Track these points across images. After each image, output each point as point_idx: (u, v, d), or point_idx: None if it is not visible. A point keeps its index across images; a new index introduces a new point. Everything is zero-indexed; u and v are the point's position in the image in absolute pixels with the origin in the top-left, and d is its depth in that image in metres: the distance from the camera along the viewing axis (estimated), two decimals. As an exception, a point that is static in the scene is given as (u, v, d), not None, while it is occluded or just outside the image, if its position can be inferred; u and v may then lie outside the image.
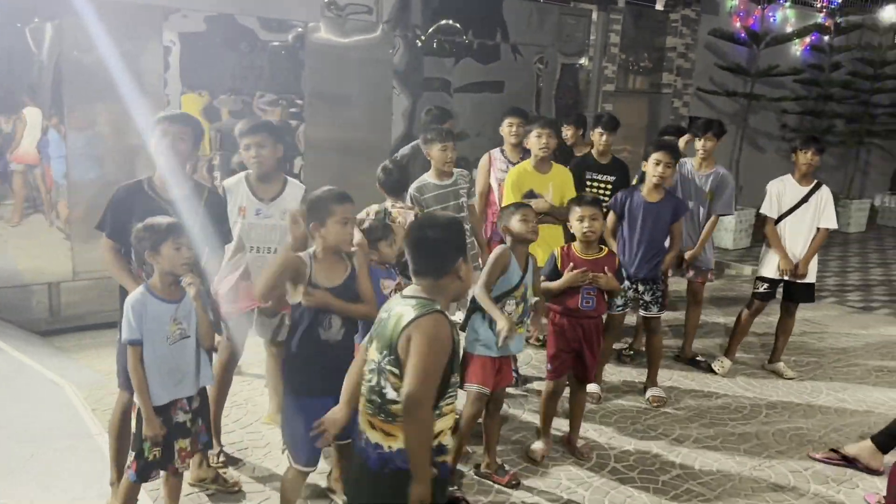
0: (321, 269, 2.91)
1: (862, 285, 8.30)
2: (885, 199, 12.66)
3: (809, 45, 10.95)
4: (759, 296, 5.23)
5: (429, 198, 4.43)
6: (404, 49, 8.70)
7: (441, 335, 2.17)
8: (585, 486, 3.64)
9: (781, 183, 5.18)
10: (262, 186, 3.66)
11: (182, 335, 2.85)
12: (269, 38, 7.65)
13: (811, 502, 3.60)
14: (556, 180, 4.79)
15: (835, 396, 4.94)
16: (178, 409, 2.88)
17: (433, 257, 2.28)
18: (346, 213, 2.90)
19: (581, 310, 3.76)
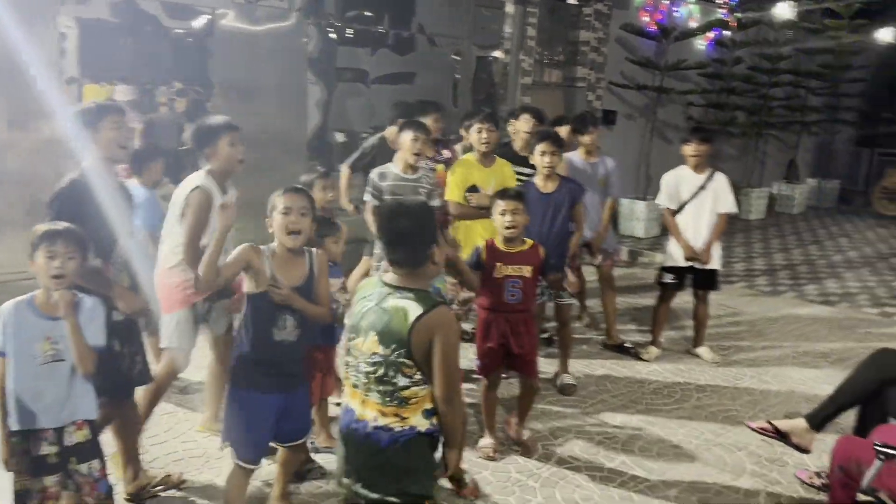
0: (280, 267, 2.83)
1: (768, 270, 8.73)
2: (782, 187, 13.37)
3: (713, 41, 11.40)
4: (667, 286, 5.40)
5: (387, 186, 4.33)
6: (318, 38, 8.50)
7: (456, 328, 2.39)
8: (535, 477, 3.66)
9: (676, 174, 5.34)
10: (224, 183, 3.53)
11: (55, 357, 2.51)
12: (174, 24, 7.31)
13: (749, 480, 3.74)
14: (499, 175, 4.77)
15: (758, 378, 5.15)
16: (40, 439, 2.53)
17: (409, 247, 2.35)
18: (286, 203, 2.81)
19: (506, 303, 3.73)
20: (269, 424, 2.88)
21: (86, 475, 2.61)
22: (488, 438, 3.88)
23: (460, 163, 4.84)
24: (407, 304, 2.31)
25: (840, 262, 9.42)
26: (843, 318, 6.85)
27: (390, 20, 8.89)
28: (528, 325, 3.80)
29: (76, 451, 2.59)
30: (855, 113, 14.64)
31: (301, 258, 2.90)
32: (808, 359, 5.60)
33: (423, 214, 2.44)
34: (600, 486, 3.60)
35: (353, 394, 2.42)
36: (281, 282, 2.78)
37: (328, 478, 3.49)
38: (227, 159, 3.46)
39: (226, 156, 3.45)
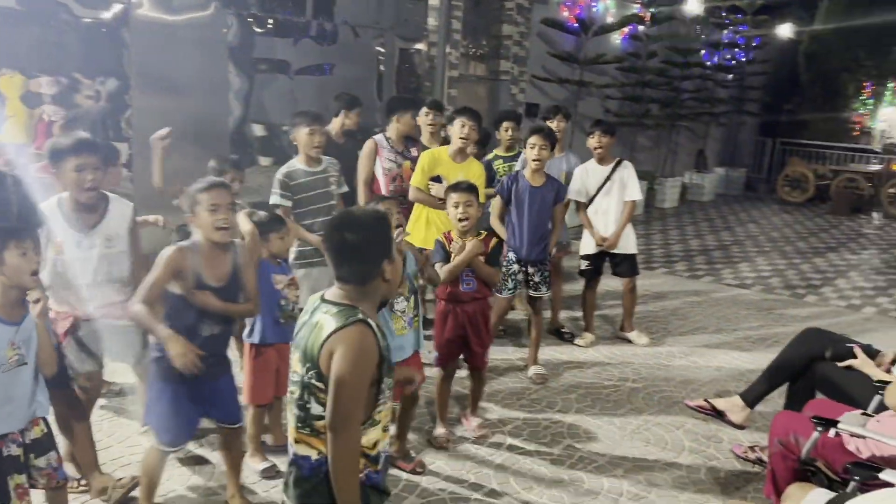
0: (206, 264, 2.81)
1: (685, 255, 9.13)
2: (693, 176, 13.97)
3: (628, 35, 11.76)
4: (583, 273, 5.65)
5: (299, 184, 4.27)
6: (239, 28, 8.31)
7: (365, 348, 2.00)
8: (489, 464, 3.74)
9: (584, 169, 5.57)
10: (80, 214, 3.19)
11: (19, 361, 2.48)
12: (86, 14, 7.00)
13: (689, 457, 3.94)
14: (468, 171, 4.77)
15: (687, 360, 5.41)
16: (8, 441, 2.53)
17: (355, 263, 2.08)
18: (213, 200, 2.77)
19: (462, 293, 3.81)
20: (192, 411, 2.95)
21: (44, 468, 2.65)
22: (441, 428, 3.94)
23: (431, 152, 4.85)
24: (326, 318, 2.04)
25: (751, 246, 9.94)
26: (758, 299, 7.25)
27: (312, 10, 8.77)
28: (485, 317, 3.89)
29: (34, 447, 2.63)
30: (759, 105, 15.45)
31: (226, 253, 2.88)
32: (731, 339, 5.92)
33: (373, 226, 2.11)
34: (552, 469, 3.72)
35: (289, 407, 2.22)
36: (203, 282, 2.78)
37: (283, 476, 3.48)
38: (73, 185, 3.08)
39: (71, 181, 3.07)
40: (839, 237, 10.96)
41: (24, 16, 6.13)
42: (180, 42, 6.62)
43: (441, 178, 4.71)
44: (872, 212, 13.18)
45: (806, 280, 8.18)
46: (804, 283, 8.01)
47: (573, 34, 10.60)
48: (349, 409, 1.98)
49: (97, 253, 3.21)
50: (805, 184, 13.85)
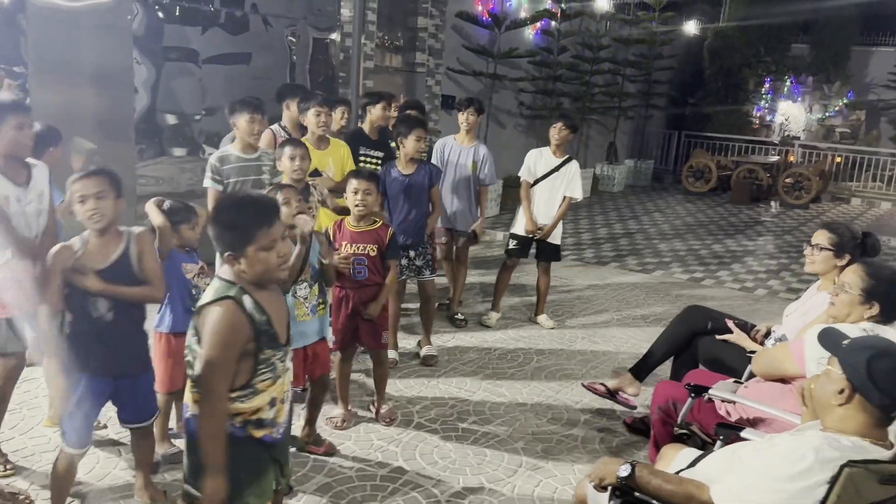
0: (91, 251, 2.84)
1: (593, 243, 9.50)
2: (604, 168, 14.45)
3: (540, 30, 12.07)
4: (511, 252, 5.86)
5: (230, 169, 4.32)
6: (144, 16, 8.15)
7: (227, 325, 2.14)
8: (395, 442, 3.89)
9: (539, 152, 5.81)
10: (16, 170, 3.25)
11: None
12: (-20, -1, 6.73)
13: (584, 429, 4.19)
14: (335, 155, 4.90)
15: (588, 340, 5.69)
16: None
17: (221, 241, 2.22)
18: (81, 191, 2.78)
19: (355, 280, 3.90)
20: (94, 410, 2.95)
21: None
22: (339, 409, 4.05)
23: None
24: (209, 290, 2.25)
25: (655, 234, 10.42)
26: (658, 283, 7.64)
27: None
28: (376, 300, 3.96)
29: None
30: (665, 98, 16.09)
31: (115, 239, 2.89)
32: (630, 320, 6.25)
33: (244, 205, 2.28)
34: (456, 445, 3.89)
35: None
36: (83, 267, 2.80)
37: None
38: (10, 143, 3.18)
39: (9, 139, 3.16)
40: (738, 225, 11.59)
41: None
42: (82, 29, 6.41)
43: (317, 172, 4.74)
44: (771, 200, 13.95)
45: (704, 265, 8.65)
46: (702, 268, 8.48)
47: (487, 28, 10.81)
48: (209, 380, 2.14)
49: (33, 208, 3.27)
50: (708, 174, 14.54)
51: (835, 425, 2.01)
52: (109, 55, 6.71)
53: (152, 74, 8.50)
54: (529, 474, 3.66)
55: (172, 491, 3.28)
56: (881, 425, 1.97)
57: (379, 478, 3.54)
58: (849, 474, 1.85)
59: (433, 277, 5.04)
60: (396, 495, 3.40)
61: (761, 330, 3.77)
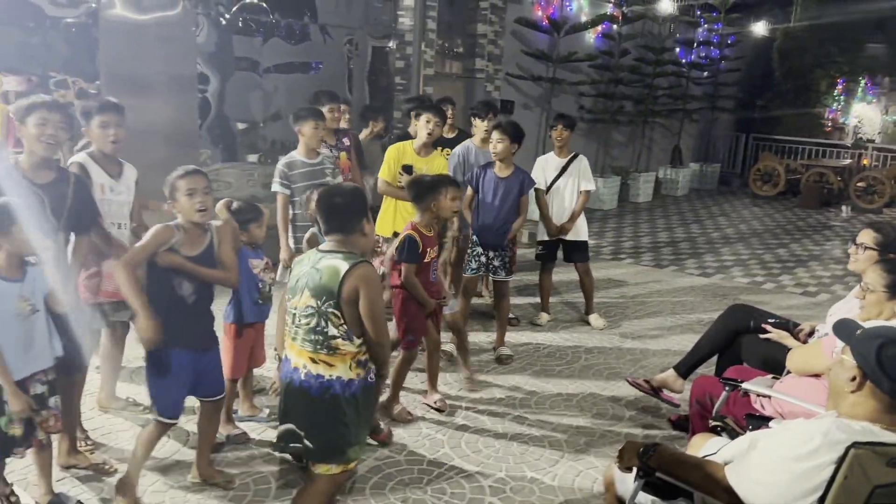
0: (185, 240, 3.13)
1: (652, 247, 9.47)
2: (667, 171, 14.32)
3: (601, 34, 12.10)
4: (540, 257, 6.00)
5: (297, 174, 4.60)
6: (209, 27, 8.54)
7: (378, 281, 2.73)
8: (442, 431, 4.07)
9: (544, 159, 5.98)
10: (110, 164, 3.72)
11: (33, 310, 2.89)
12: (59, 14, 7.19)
13: (628, 424, 4.28)
14: (431, 166, 5.06)
15: (639, 340, 5.75)
16: (34, 381, 2.94)
17: (340, 218, 2.74)
18: (189, 185, 3.09)
19: (431, 283, 4.12)
20: (186, 381, 3.21)
21: (53, 408, 3.02)
22: (399, 405, 4.24)
23: (396, 146, 5.12)
24: (337, 262, 2.65)
25: (718, 238, 10.31)
26: (716, 287, 7.60)
27: (282, 10, 9.01)
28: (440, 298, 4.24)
29: (52, 387, 3.02)
30: (732, 101, 15.82)
31: (203, 230, 3.20)
32: (683, 322, 6.26)
33: (352, 193, 2.82)
34: (500, 436, 4.04)
35: (291, 346, 2.75)
36: (174, 251, 3.09)
37: (252, 444, 3.79)
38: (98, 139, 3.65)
39: (96, 136, 3.64)
40: (805, 229, 11.34)
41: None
42: (149, 41, 6.76)
43: (412, 169, 4.99)
44: (842, 205, 13.56)
45: (767, 269, 8.54)
46: (764, 272, 8.37)
47: (546, 33, 10.92)
48: (384, 326, 2.73)
49: (124, 198, 3.76)
50: (776, 178, 14.24)
51: (847, 411, 2.08)
52: (175, 66, 7.06)
53: (217, 84, 8.90)
54: (570, 465, 3.78)
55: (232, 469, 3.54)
56: (891, 411, 2.03)
57: (426, 462, 3.72)
58: (855, 455, 1.92)
59: (508, 279, 5.20)
60: (441, 480, 3.57)
61: (805, 329, 3.79)
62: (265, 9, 8.60)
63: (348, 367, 2.68)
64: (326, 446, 2.70)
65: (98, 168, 3.66)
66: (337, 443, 2.71)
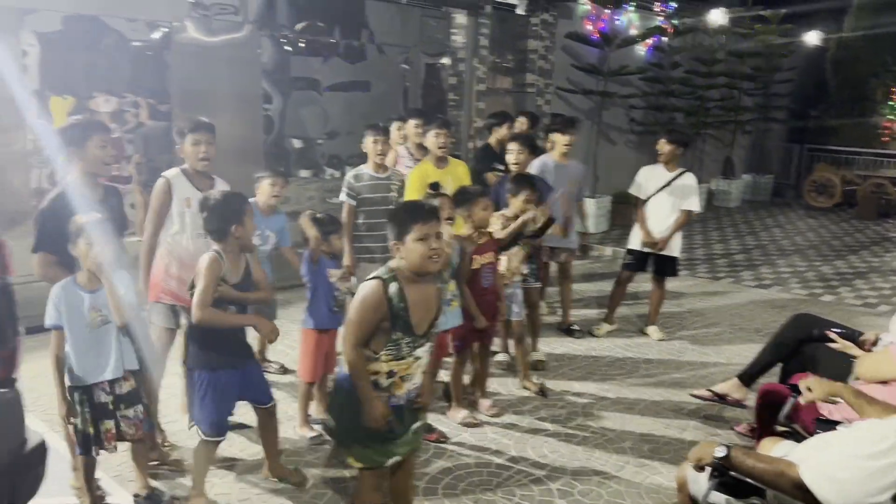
0: (229, 266, 3.23)
1: (707, 259, 9.44)
2: (720, 183, 14.22)
3: (652, 46, 12.13)
4: (626, 266, 6.05)
5: (363, 186, 4.81)
6: (271, 48, 8.84)
7: (367, 298, 2.64)
8: (509, 436, 4.18)
9: (650, 169, 5.98)
10: (201, 179, 3.94)
11: (103, 321, 3.08)
12: (134, 37, 7.56)
13: (693, 433, 4.33)
14: (454, 174, 5.22)
15: (698, 351, 5.78)
16: (99, 390, 3.09)
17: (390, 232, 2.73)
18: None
19: (484, 288, 4.25)
20: (231, 399, 3.32)
21: (132, 418, 3.18)
22: (462, 409, 4.37)
23: (417, 168, 5.21)
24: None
25: (773, 250, 10.21)
26: (774, 299, 7.56)
27: (341, 30, 9.29)
28: (495, 304, 4.35)
29: (124, 399, 3.16)
30: (785, 111, 15.65)
31: (240, 256, 3.30)
32: (742, 334, 6.26)
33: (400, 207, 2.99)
34: (565, 441, 4.14)
35: None
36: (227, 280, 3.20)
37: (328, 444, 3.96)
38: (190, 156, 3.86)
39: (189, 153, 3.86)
40: (863, 241, 11.15)
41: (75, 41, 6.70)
42: (217, 62, 7.12)
43: (438, 186, 5.03)
44: (901, 216, 13.29)
45: (825, 281, 8.44)
46: (822, 284, 8.29)
47: (597, 47, 11.00)
48: (347, 331, 2.71)
49: None
50: (832, 189, 14.02)
51: (924, 413, 2.14)
52: (241, 85, 7.40)
53: (279, 102, 9.20)
54: (636, 470, 3.85)
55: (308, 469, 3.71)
56: (966, 412, 2.09)
57: (494, 465, 3.84)
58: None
59: (538, 286, 5.30)
60: (510, 482, 3.68)
61: (869, 338, 3.80)
62: (325, 30, 8.88)
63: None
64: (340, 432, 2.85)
65: (186, 182, 3.88)
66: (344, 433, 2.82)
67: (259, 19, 7.74)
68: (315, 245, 3.84)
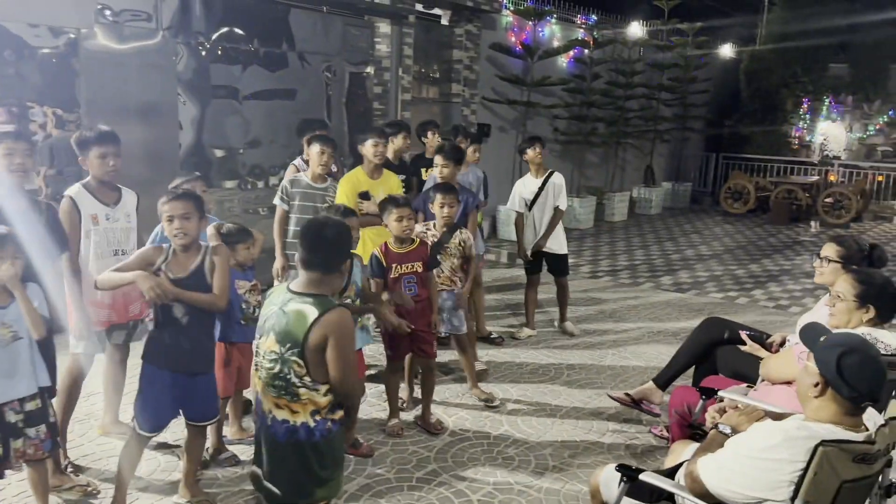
0: (174, 261, 3.22)
1: (629, 265, 9.66)
2: (641, 191, 14.60)
3: (573, 58, 12.37)
4: (527, 270, 6.27)
5: (297, 192, 4.79)
6: (188, 56, 8.62)
7: (350, 327, 2.60)
8: (429, 447, 4.16)
9: (522, 182, 6.21)
10: (106, 192, 3.78)
11: (14, 337, 2.93)
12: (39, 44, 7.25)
13: (612, 437, 4.40)
14: (387, 185, 5.18)
15: (619, 355, 5.89)
16: (9, 409, 2.96)
17: (326, 254, 2.63)
18: (169, 212, 3.20)
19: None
20: (168, 399, 3.28)
21: (33, 437, 3.03)
22: (395, 419, 4.34)
23: (347, 176, 5.19)
24: (304, 307, 2.53)
25: (691, 255, 10.53)
26: (692, 302, 7.78)
27: (260, 38, 9.14)
28: (426, 314, 4.31)
29: (29, 417, 3.02)
30: (702, 121, 16.20)
31: (195, 253, 3.27)
32: (661, 337, 6.42)
33: (344, 229, 2.74)
34: (487, 450, 4.14)
35: (260, 386, 2.67)
36: (162, 274, 3.17)
37: (242, 465, 3.85)
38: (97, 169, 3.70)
39: (95, 166, 3.69)
40: (776, 245, 11.62)
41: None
42: (130, 70, 6.87)
43: (369, 195, 5.07)
44: (811, 220, 13.89)
45: (739, 284, 8.75)
46: (737, 287, 8.58)
47: (520, 58, 11.15)
48: (353, 374, 2.62)
49: (120, 226, 3.79)
50: (746, 195, 14.57)
51: (812, 415, 2.23)
52: (156, 94, 7.18)
53: (197, 112, 8.96)
54: (556, 477, 3.89)
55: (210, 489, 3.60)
56: (853, 414, 2.18)
57: (415, 479, 3.81)
58: (823, 452, 2.06)
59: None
60: (431, 495, 3.66)
61: (776, 339, 3.95)
62: (244, 37, 8.71)
63: (310, 415, 2.58)
64: (291, 491, 2.64)
65: (91, 198, 3.71)
66: (303, 488, 2.65)
67: (174, 26, 7.53)
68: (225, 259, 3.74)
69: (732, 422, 2.56)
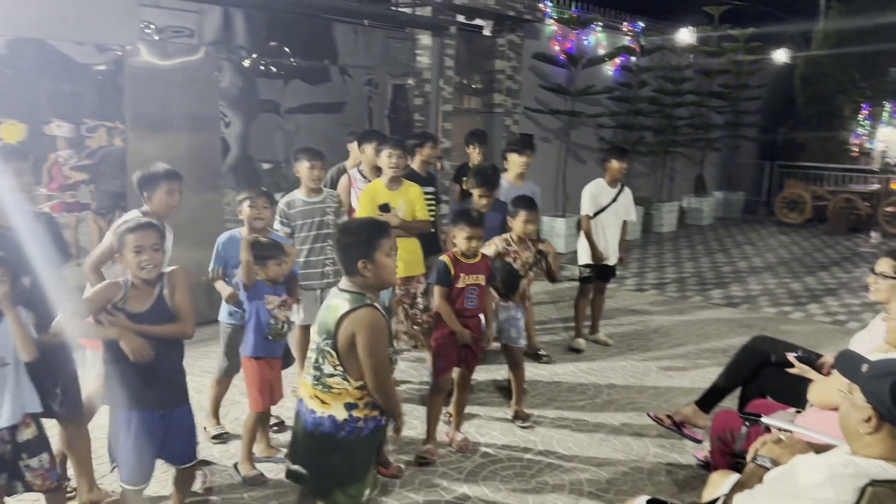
0: (134, 296, 2.97)
1: (677, 278, 9.36)
2: (691, 200, 14.22)
3: (619, 66, 12.14)
4: (587, 279, 6.17)
5: (296, 212, 4.69)
6: (231, 71, 8.72)
7: (378, 326, 2.62)
8: (460, 470, 4.01)
9: (596, 185, 6.11)
10: None
11: (1, 363, 2.79)
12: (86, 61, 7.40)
13: (652, 461, 4.19)
14: (406, 196, 5.10)
15: (663, 374, 5.66)
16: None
17: (343, 259, 2.72)
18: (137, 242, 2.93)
19: (467, 309, 4.13)
20: (150, 443, 3.01)
21: (37, 468, 2.92)
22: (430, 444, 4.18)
23: (366, 189, 5.06)
24: (341, 302, 2.65)
25: (744, 268, 10.16)
26: (743, 317, 7.47)
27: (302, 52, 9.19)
28: (480, 328, 4.23)
29: (26, 447, 2.89)
30: (754, 128, 15.72)
31: (154, 285, 3.00)
32: (708, 354, 6.15)
33: (355, 231, 2.76)
34: (519, 473, 3.98)
35: (302, 376, 2.83)
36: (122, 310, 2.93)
37: (269, 486, 3.77)
38: (163, 205, 3.73)
39: (162, 202, 3.72)
40: (833, 256, 11.15)
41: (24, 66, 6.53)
42: (173, 85, 6.94)
43: (388, 207, 4.94)
44: (871, 231, 13.33)
45: (794, 298, 8.39)
46: (792, 301, 8.23)
47: (564, 67, 10.98)
48: (384, 373, 2.66)
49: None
50: (802, 205, 14.06)
51: (863, 452, 2.02)
52: (198, 108, 7.25)
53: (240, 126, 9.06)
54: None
55: (249, 511, 3.51)
56: (909, 448, 1.97)
57: (444, 502, 3.67)
58: (874, 493, 1.87)
59: None
60: (458, 520, 3.52)
61: (827, 360, 3.70)
62: (286, 52, 8.77)
63: (342, 408, 2.67)
64: (317, 480, 2.76)
65: None
66: (320, 480, 2.75)
67: (216, 42, 7.61)
68: (246, 270, 3.69)
69: (773, 454, 2.37)
